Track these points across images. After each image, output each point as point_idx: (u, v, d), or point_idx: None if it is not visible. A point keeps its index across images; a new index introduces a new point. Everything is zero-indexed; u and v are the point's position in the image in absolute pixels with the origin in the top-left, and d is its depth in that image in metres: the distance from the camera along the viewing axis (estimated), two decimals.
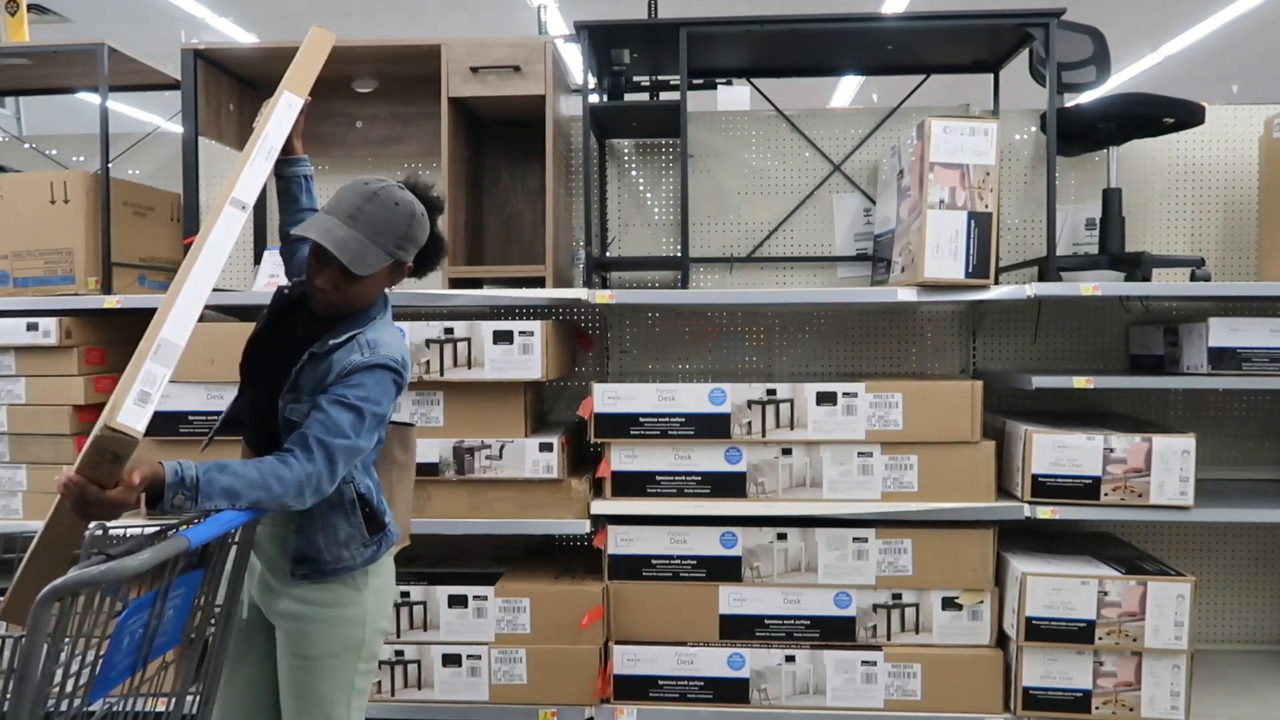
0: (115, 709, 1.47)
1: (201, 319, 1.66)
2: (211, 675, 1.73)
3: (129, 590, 1.32)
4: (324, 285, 1.79)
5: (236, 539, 1.71)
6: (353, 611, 1.87)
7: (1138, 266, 2.92)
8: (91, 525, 1.49)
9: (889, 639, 2.87)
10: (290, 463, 1.68)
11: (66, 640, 1.28)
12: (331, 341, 1.81)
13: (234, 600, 1.73)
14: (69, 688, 1.32)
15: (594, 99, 3.05)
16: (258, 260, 3.40)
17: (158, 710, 1.60)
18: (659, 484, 2.90)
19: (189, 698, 1.69)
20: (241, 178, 1.83)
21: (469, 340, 2.81)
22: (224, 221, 1.74)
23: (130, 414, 1.42)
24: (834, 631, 2.87)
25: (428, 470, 2.87)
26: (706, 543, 2.89)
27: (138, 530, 1.43)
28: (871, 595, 2.87)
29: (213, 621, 1.71)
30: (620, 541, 2.91)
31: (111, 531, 1.38)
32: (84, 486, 1.45)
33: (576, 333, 3.39)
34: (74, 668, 1.33)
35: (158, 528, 1.48)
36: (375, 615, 1.92)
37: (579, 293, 2.86)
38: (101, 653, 1.33)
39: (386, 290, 1.94)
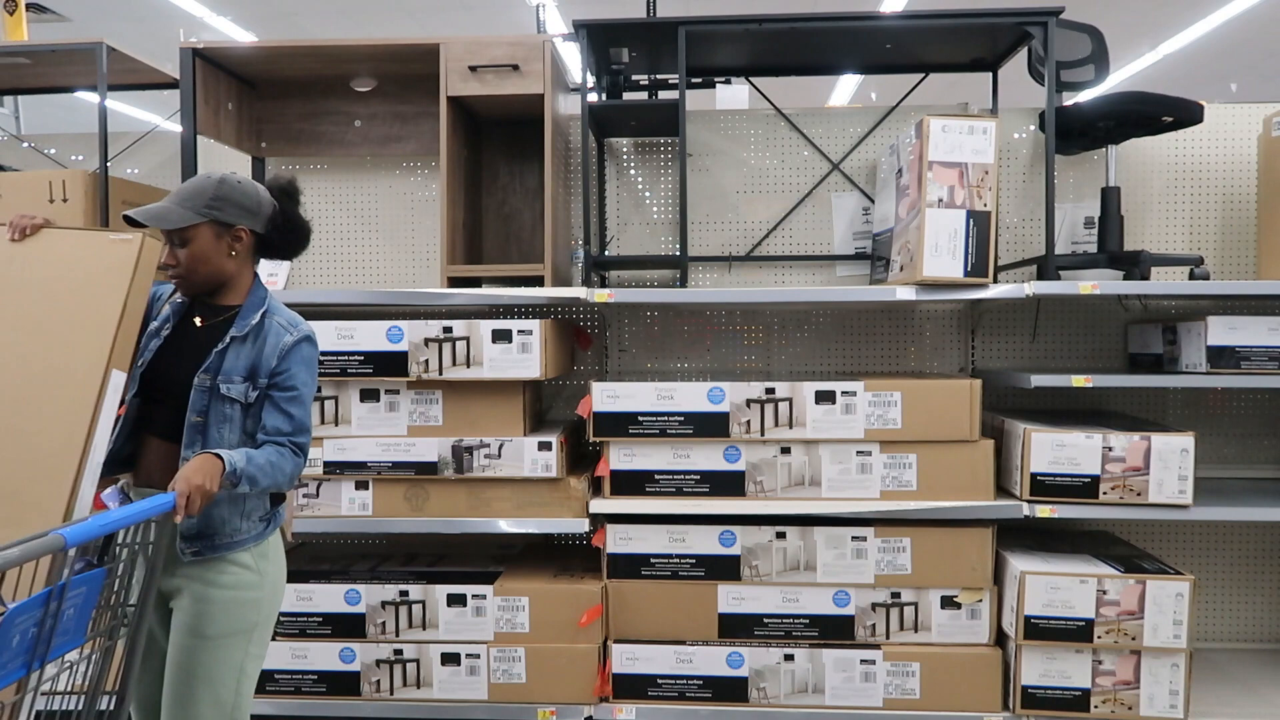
0: (31, 705, 1.46)
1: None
2: (125, 674, 1.72)
3: None
4: (167, 261, 1.99)
5: (152, 538, 1.71)
6: (251, 595, 1.96)
7: (1136, 265, 2.92)
8: None
9: (888, 638, 2.87)
10: (287, 455, 1.94)
11: None
12: (251, 322, 1.99)
13: (147, 600, 1.73)
14: None
15: (593, 98, 3.04)
16: None
17: (66, 709, 1.60)
18: (658, 483, 2.91)
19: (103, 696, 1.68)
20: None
21: (468, 339, 2.82)
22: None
23: None
24: (833, 630, 2.87)
25: (426, 469, 2.88)
26: (705, 541, 2.89)
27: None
28: (870, 594, 2.87)
29: (125, 621, 1.70)
30: (619, 540, 2.91)
31: None
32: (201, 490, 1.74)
33: (575, 332, 3.39)
34: None
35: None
36: (271, 601, 2.02)
37: (578, 291, 2.86)
38: None
39: (259, 276, 2.08)
